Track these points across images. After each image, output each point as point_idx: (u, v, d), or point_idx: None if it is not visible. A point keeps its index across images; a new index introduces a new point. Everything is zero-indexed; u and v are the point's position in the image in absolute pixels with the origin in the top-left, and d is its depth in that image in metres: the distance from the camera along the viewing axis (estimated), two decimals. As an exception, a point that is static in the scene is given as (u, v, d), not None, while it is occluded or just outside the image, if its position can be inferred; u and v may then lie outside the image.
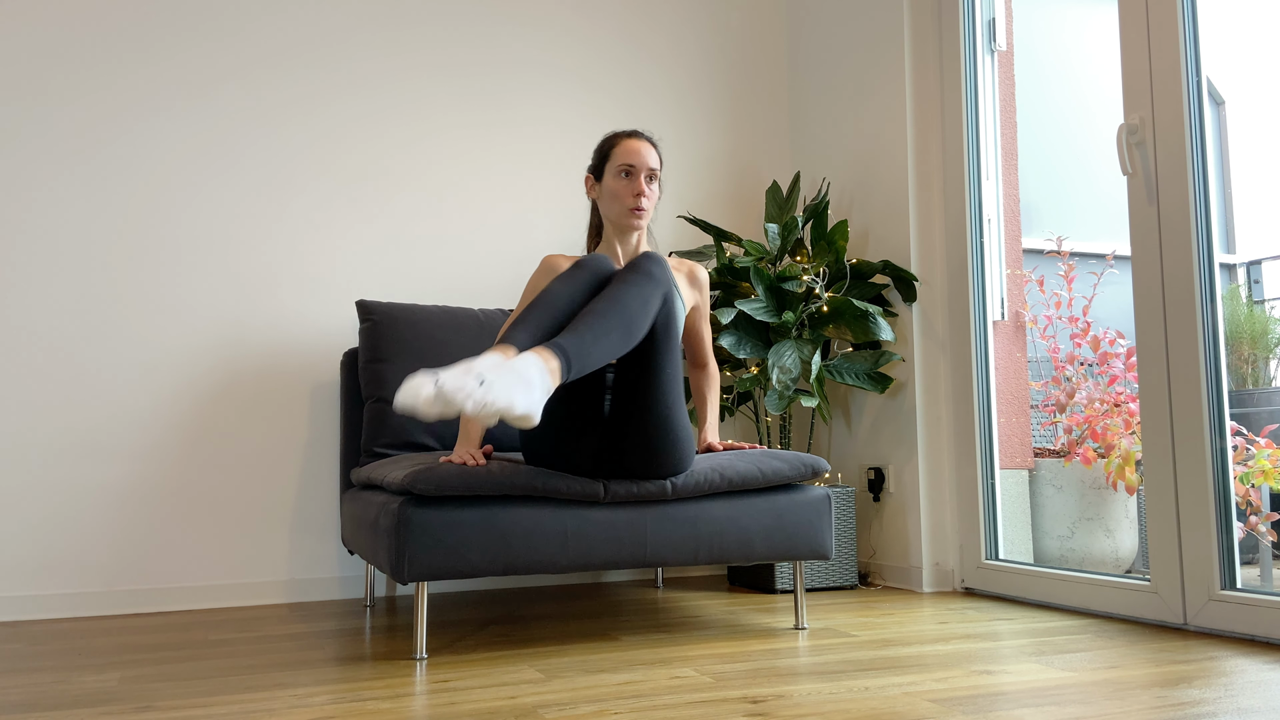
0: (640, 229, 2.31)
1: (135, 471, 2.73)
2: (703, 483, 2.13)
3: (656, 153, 2.30)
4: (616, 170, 2.27)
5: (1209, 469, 2.13)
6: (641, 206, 2.27)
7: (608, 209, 2.31)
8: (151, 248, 2.81)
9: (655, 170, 2.29)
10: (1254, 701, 1.56)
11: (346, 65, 3.05)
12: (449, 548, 1.95)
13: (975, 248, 2.86)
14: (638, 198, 2.26)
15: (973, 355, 2.83)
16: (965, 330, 2.86)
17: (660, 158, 2.32)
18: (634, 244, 2.35)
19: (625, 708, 1.58)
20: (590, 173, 2.35)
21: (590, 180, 2.35)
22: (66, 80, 2.76)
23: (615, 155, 2.28)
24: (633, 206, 2.27)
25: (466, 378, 1.61)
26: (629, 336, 1.87)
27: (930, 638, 2.13)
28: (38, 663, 2.02)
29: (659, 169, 2.30)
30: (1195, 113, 2.21)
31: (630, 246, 2.35)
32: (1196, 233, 2.19)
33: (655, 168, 2.29)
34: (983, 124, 2.90)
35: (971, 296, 2.85)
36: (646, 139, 2.31)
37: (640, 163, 2.26)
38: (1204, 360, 2.16)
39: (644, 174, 2.27)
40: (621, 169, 2.27)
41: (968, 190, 2.86)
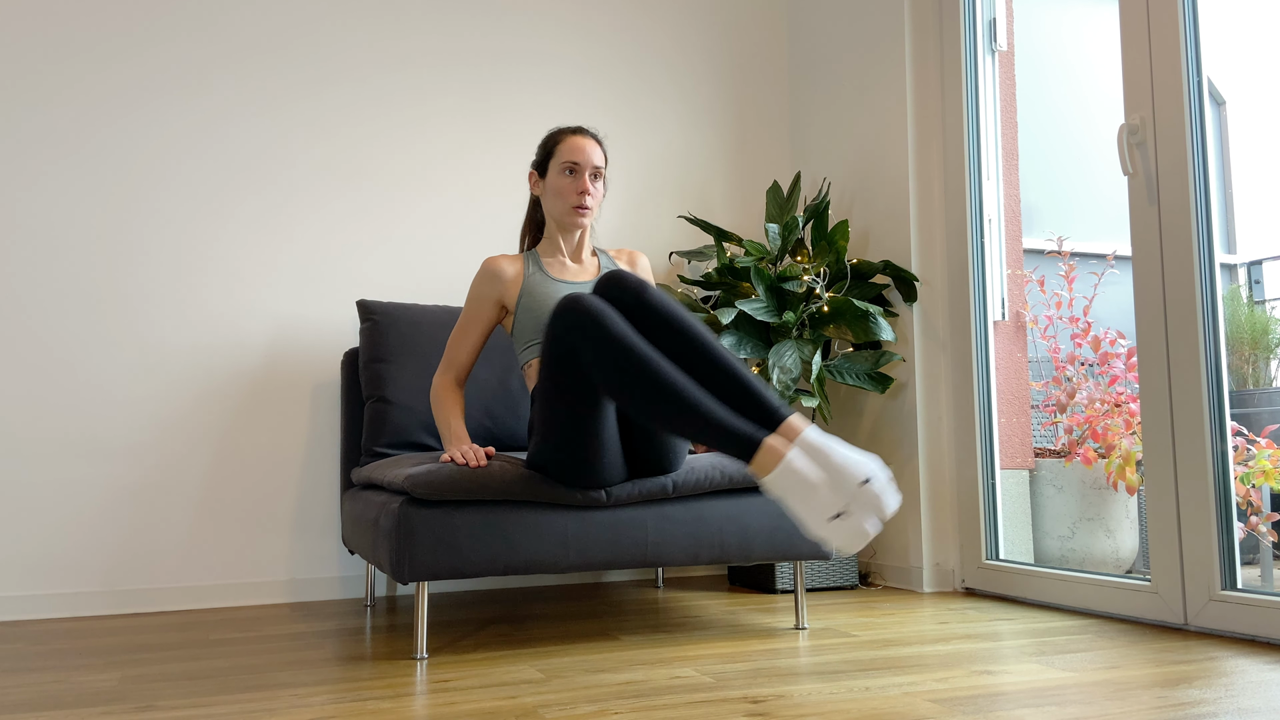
0: (584, 227, 2.31)
1: (135, 471, 2.73)
2: (703, 480, 2.13)
3: (601, 150, 2.29)
4: (561, 167, 2.26)
5: (1209, 469, 2.13)
6: (586, 205, 2.26)
7: (551, 206, 2.30)
8: (152, 247, 2.81)
9: (600, 168, 2.28)
10: (1254, 702, 1.56)
11: (347, 65, 3.05)
12: (449, 547, 1.95)
13: (976, 248, 2.86)
14: (582, 195, 2.25)
15: (973, 355, 2.83)
16: (966, 330, 2.85)
17: (605, 155, 2.30)
18: (577, 241, 2.34)
19: (625, 708, 1.58)
20: (534, 168, 2.34)
21: (534, 176, 2.34)
22: (64, 78, 2.76)
23: (559, 152, 2.27)
24: (576, 205, 2.26)
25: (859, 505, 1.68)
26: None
27: (931, 638, 2.13)
28: (38, 663, 2.02)
29: (604, 166, 2.29)
30: (1196, 113, 2.21)
31: (573, 244, 2.34)
32: (1197, 233, 2.19)
33: (600, 165, 2.28)
34: (983, 124, 2.90)
35: (972, 296, 2.84)
36: (592, 136, 2.30)
37: (585, 160, 2.25)
38: (1204, 360, 2.16)
39: (588, 171, 2.26)
40: (566, 166, 2.26)
41: (968, 190, 2.86)
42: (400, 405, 2.60)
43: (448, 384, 2.27)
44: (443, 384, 2.27)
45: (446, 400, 2.25)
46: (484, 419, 2.65)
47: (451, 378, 2.28)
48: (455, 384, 2.28)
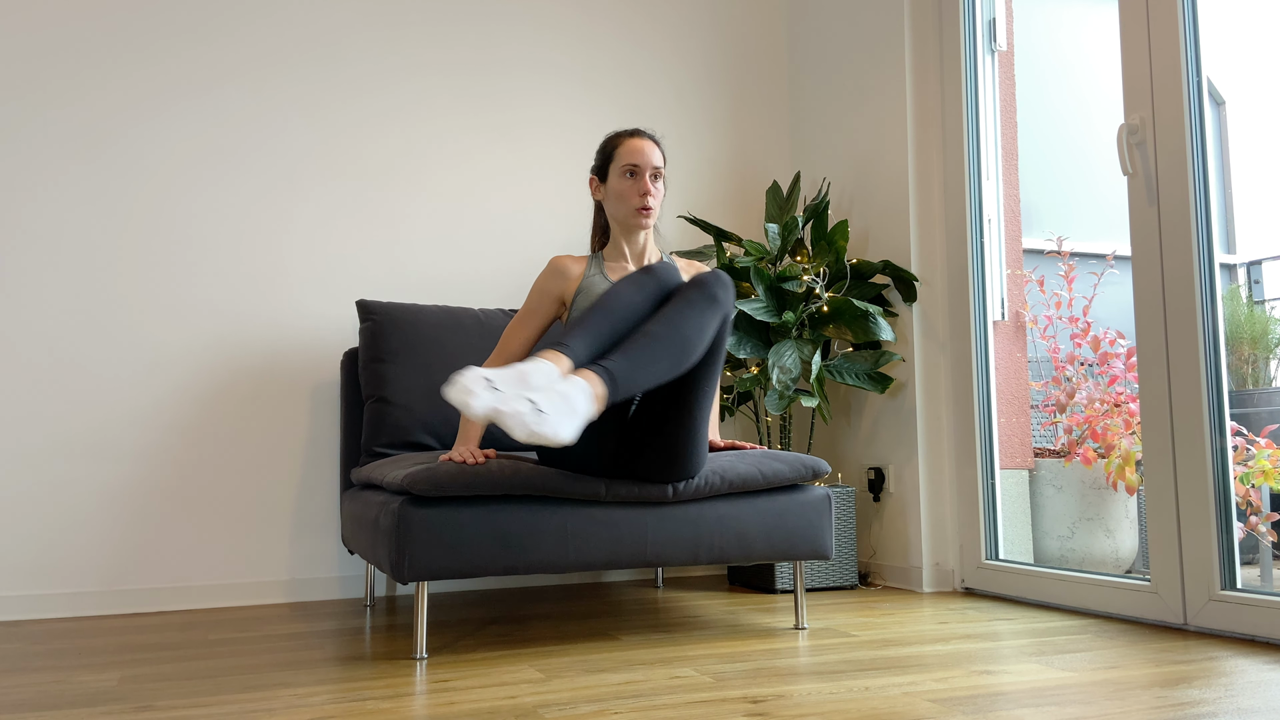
0: (648, 228, 2.32)
1: (135, 471, 2.73)
2: (703, 485, 2.13)
3: (660, 151, 2.31)
4: (621, 170, 2.28)
5: (1209, 469, 2.13)
6: (648, 206, 2.27)
7: (614, 209, 2.31)
8: (151, 248, 2.81)
9: (660, 168, 2.29)
10: (1254, 702, 1.56)
11: (347, 65, 3.05)
12: (449, 547, 1.95)
13: (975, 248, 2.86)
14: (644, 197, 2.27)
15: (973, 355, 2.83)
16: (965, 330, 2.85)
17: (664, 155, 2.32)
18: (641, 243, 2.35)
19: (625, 707, 1.58)
20: (594, 174, 2.36)
21: (595, 181, 2.36)
22: (68, 80, 2.76)
23: (619, 155, 2.29)
24: (639, 206, 2.27)
25: (521, 402, 1.63)
26: (679, 364, 1.88)
27: (930, 638, 2.13)
28: (38, 663, 2.02)
29: (663, 167, 2.31)
30: (1195, 113, 2.21)
31: (638, 246, 2.35)
32: (1197, 233, 2.19)
33: (660, 166, 2.29)
34: (983, 124, 2.90)
35: (972, 296, 2.84)
36: (649, 137, 2.31)
37: (645, 162, 2.27)
38: (1204, 360, 2.16)
39: (649, 173, 2.27)
40: (626, 169, 2.27)
41: (968, 190, 2.86)
42: (400, 405, 2.60)
43: None
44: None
45: None
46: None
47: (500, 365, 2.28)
48: None
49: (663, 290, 1.97)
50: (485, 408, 1.63)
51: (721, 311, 1.95)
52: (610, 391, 1.77)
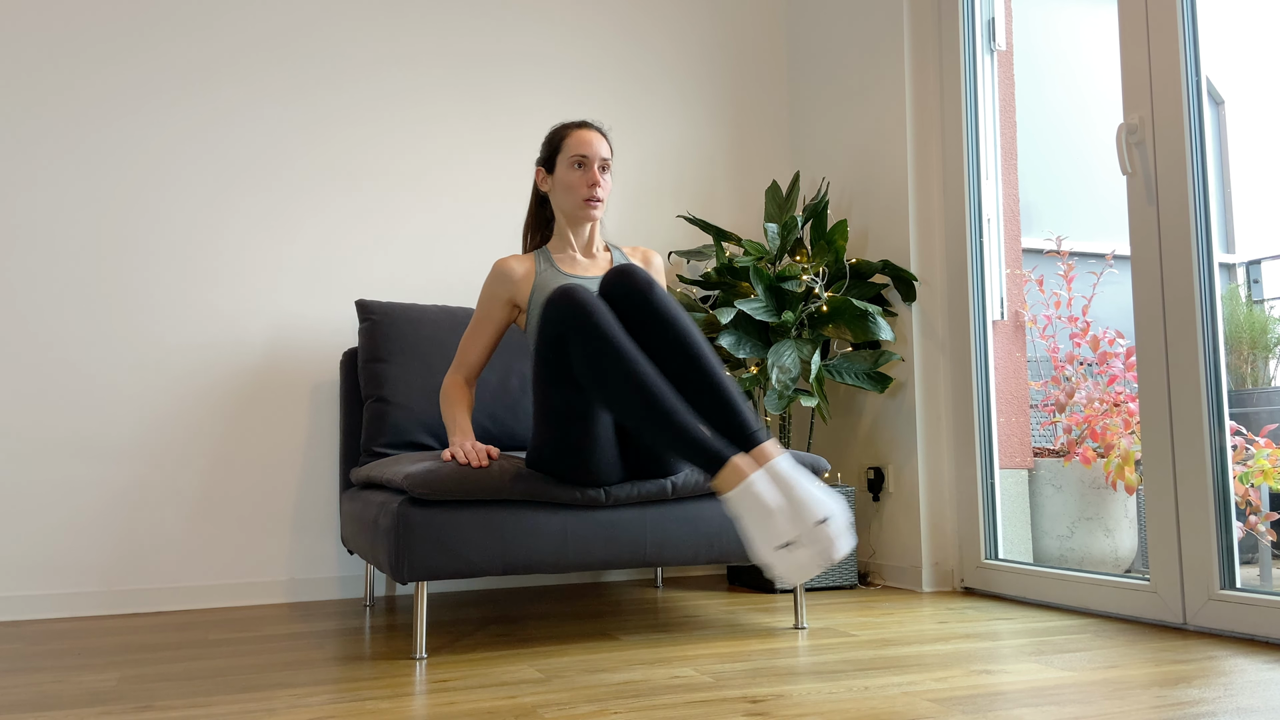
0: (596, 219, 2.31)
1: (135, 471, 2.73)
2: (703, 482, 2.13)
3: (608, 142, 2.30)
4: (570, 161, 2.26)
5: (1208, 469, 2.13)
6: (597, 196, 2.26)
7: (561, 201, 2.29)
8: (151, 247, 2.81)
9: (608, 160, 2.29)
10: (1253, 701, 1.56)
11: (347, 64, 3.04)
12: (448, 547, 1.95)
13: (975, 247, 2.86)
14: (593, 188, 2.26)
15: (972, 355, 2.83)
16: (965, 330, 2.86)
17: (611, 147, 2.31)
18: (588, 235, 2.34)
19: (625, 707, 1.58)
20: (540, 165, 2.34)
21: (541, 173, 2.34)
22: (63, 78, 2.76)
23: (567, 146, 2.27)
24: (587, 197, 2.26)
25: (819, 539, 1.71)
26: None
27: (930, 637, 2.13)
28: (37, 663, 2.02)
29: (610, 159, 2.30)
30: (1195, 112, 2.21)
31: (584, 238, 2.34)
32: (1196, 232, 2.19)
33: (607, 157, 2.29)
34: (982, 124, 2.90)
35: (971, 296, 2.85)
36: (597, 129, 2.30)
37: (593, 153, 2.26)
38: (1203, 360, 2.16)
39: (597, 164, 2.26)
40: (575, 160, 2.26)
41: (967, 190, 2.86)
42: (399, 405, 2.60)
43: (457, 382, 2.28)
44: (452, 382, 2.28)
45: (454, 397, 2.25)
46: (485, 420, 2.65)
47: (462, 377, 2.28)
48: (465, 383, 2.28)
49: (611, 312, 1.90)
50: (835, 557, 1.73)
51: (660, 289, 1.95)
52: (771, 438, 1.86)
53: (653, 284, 1.93)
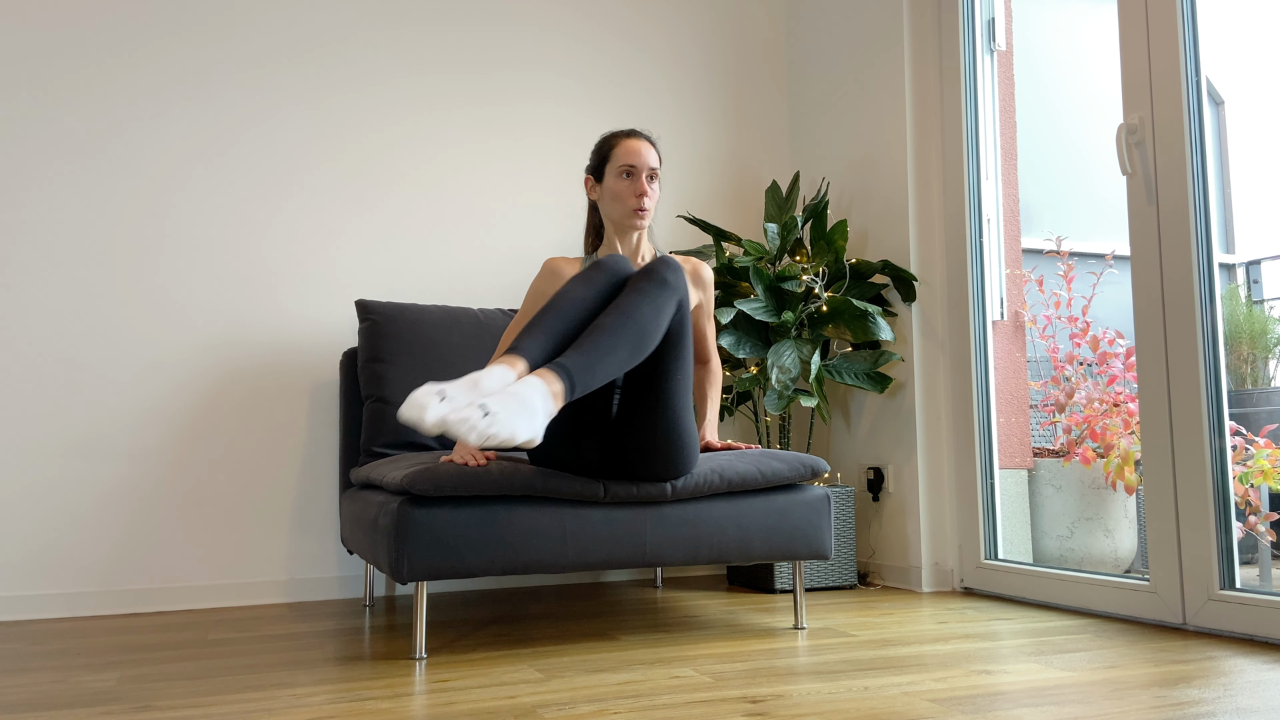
0: (643, 228, 2.32)
1: (135, 471, 2.73)
2: (702, 484, 2.13)
3: (656, 151, 2.31)
4: (618, 171, 2.28)
5: (1208, 469, 2.14)
6: (644, 206, 2.27)
7: (610, 209, 2.31)
8: (150, 247, 2.81)
9: (656, 169, 2.30)
10: (1253, 701, 1.56)
11: (346, 64, 3.05)
12: (448, 547, 1.95)
13: (975, 247, 2.86)
14: (640, 198, 2.27)
15: (972, 355, 2.83)
16: (965, 330, 2.86)
17: (659, 156, 2.32)
18: (635, 243, 2.35)
19: (624, 707, 1.58)
20: (589, 174, 2.36)
21: (590, 181, 2.36)
22: (65, 80, 2.76)
23: (616, 156, 2.29)
24: (635, 207, 2.27)
25: (471, 409, 1.62)
26: (638, 351, 1.87)
27: (929, 638, 2.13)
28: (37, 663, 2.02)
29: (659, 167, 2.31)
30: (1195, 113, 2.21)
31: (632, 246, 2.35)
32: (1196, 232, 2.19)
33: (656, 167, 2.29)
34: (982, 124, 2.90)
35: (971, 296, 2.85)
36: (646, 138, 2.31)
37: (641, 163, 2.27)
38: (1203, 360, 2.16)
39: (645, 173, 2.28)
40: (623, 169, 2.27)
41: (967, 190, 2.86)
42: (399, 405, 2.60)
43: None
44: None
45: None
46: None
47: None
48: None
49: (612, 282, 1.98)
50: (435, 419, 1.62)
51: (675, 294, 1.94)
52: (567, 386, 1.75)
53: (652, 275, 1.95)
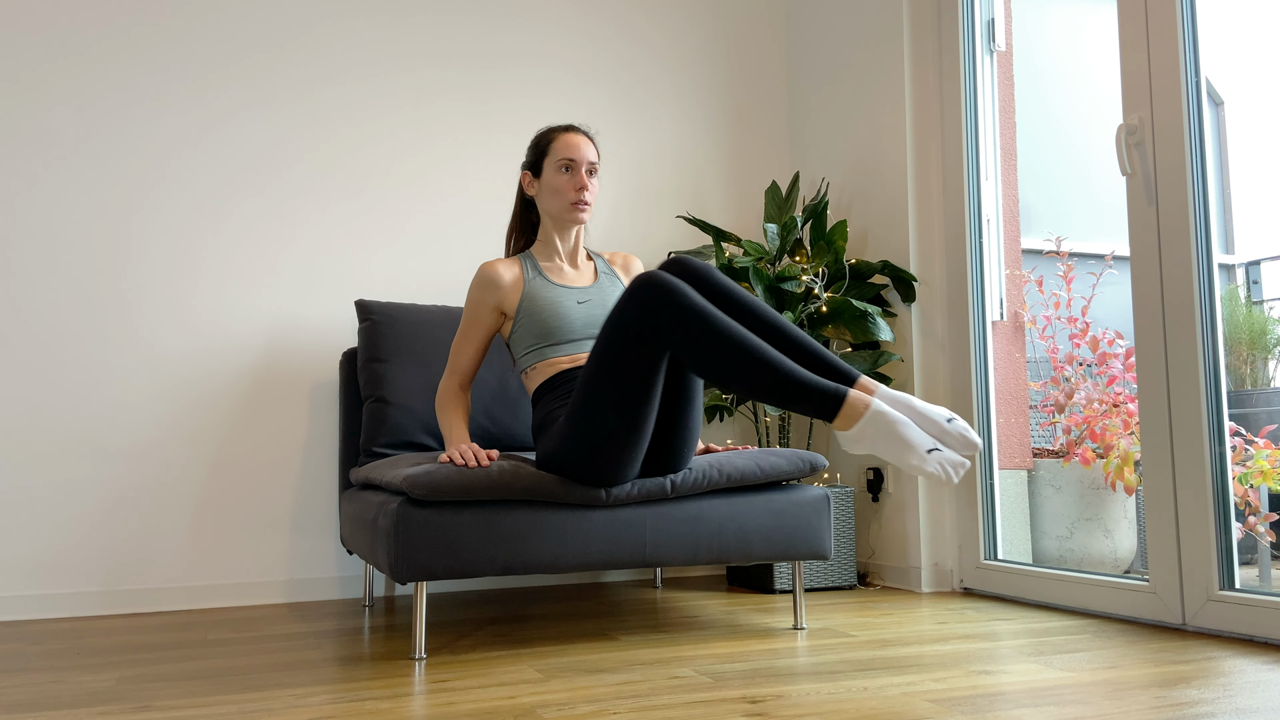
0: (583, 223, 2.31)
1: (135, 471, 2.73)
2: (701, 479, 2.13)
3: (595, 146, 2.30)
4: (556, 165, 2.26)
5: (1208, 469, 2.14)
6: (585, 200, 2.26)
7: (549, 204, 2.29)
8: (150, 247, 2.81)
9: (595, 164, 2.29)
10: (1252, 702, 1.56)
11: (345, 64, 3.05)
12: (448, 547, 1.95)
13: (974, 248, 2.87)
14: (580, 191, 2.25)
15: (972, 355, 2.83)
16: (964, 330, 2.86)
17: (598, 151, 2.31)
18: (574, 239, 2.34)
19: (624, 708, 1.58)
20: (526, 169, 2.33)
21: (527, 176, 2.33)
22: (62, 79, 2.76)
23: (554, 150, 2.27)
24: (575, 200, 2.25)
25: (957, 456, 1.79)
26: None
27: (929, 638, 2.13)
28: (36, 663, 2.02)
29: (598, 163, 2.30)
30: (1194, 113, 2.21)
31: (570, 243, 2.34)
32: (1195, 233, 2.19)
33: (595, 161, 2.28)
34: (982, 124, 2.90)
35: (970, 297, 2.85)
36: (584, 132, 2.30)
37: (580, 157, 2.25)
38: (1203, 360, 2.16)
39: (584, 167, 2.26)
40: (562, 163, 2.25)
41: (967, 190, 2.86)
42: (399, 405, 2.60)
43: (452, 388, 2.27)
44: (447, 388, 2.27)
45: (449, 403, 2.25)
46: (483, 420, 2.65)
47: (456, 383, 2.28)
48: (460, 388, 2.28)
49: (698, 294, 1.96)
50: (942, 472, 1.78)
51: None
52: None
53: (709, 267, 2.03)
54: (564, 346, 2.21)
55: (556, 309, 2.22)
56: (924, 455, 1.76)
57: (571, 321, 2.21)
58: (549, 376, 2.19)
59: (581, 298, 2.26)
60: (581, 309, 2.24)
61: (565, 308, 2.22)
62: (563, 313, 2.21)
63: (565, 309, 2.22)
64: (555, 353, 2.21)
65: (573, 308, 2.23)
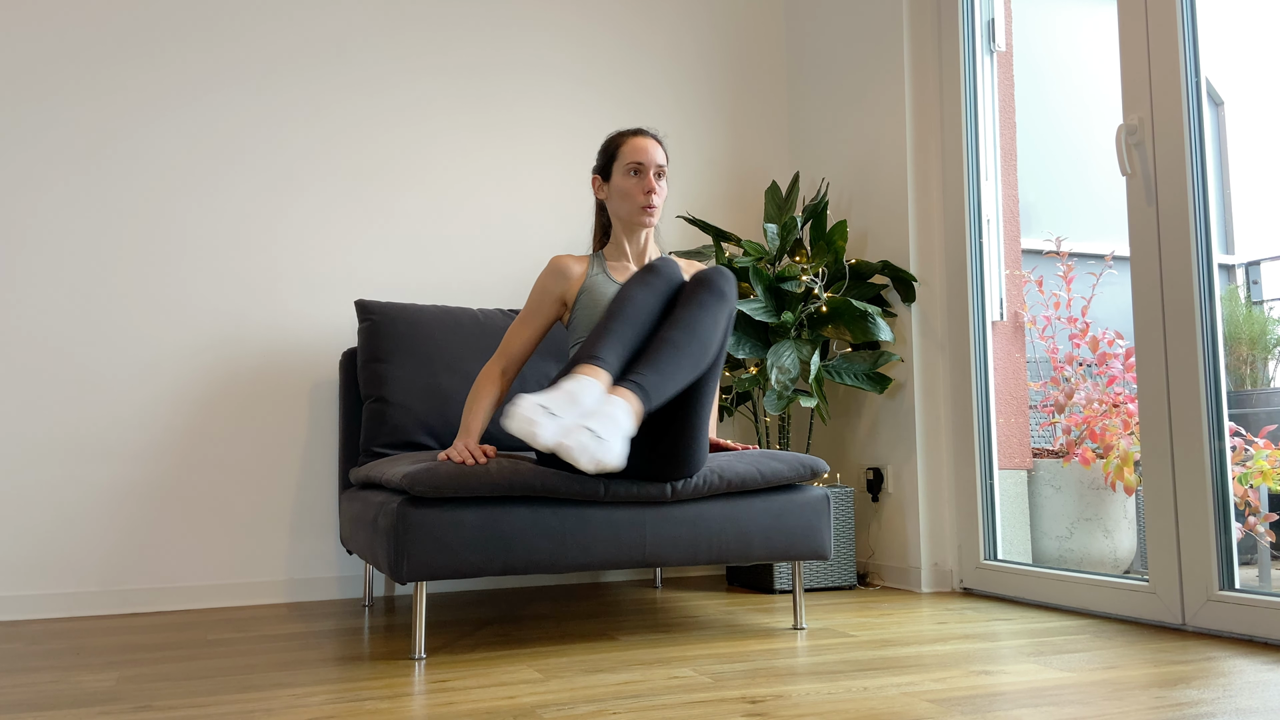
0: (651, 226, 2.33)
1: (135, 471, 2.73)
2: (702, 485, 2.13)
3: (663, 149, 2.32)
4: (625, 169, 2.29)
5: (1207, 469, 2.14)
6: (653, 204, 2.29)
7: (618, 208, 2.32)
8: (151, 248, 2.81)
9: (663, 167, 2.31)
10: (1252, 702, 1.56)
11: (346, 66, 3.05)
12: (447, 547, 1.95)
13: (974, 248, 2.87)
14: (649, 195, 2.28)
15: (972, 356, 2.83)
16: (964, 330, 2.86)
17: (667, 155, 2.33)
18: (643, 242, 2.37)
19: (624, 708, 1.58)
20: (597, 173, 2.36)
21: (598, 180, 2.36)
22: (70, 83, 2.76)
23: (623, 154, 2.29)
24: (644, 205, 2.28)
25: (581, 432, 1.69)
26: (699, 365, 1.93)
27: (929, 638, 2.13)
28: (37, 663, 2.02)
29: (666, 165, 2.32)
30: (1194, 113, 2.21)
31: (639, 245, 2.36)
32: (1195, 233, 2.19)
33: (663, 164, 2.31)
34: (982, 124, 2.90)
35: (970, 297, 2.85)
36: (653, 136, 2.32)
37: (649, 160, 2.28)
38: (1202, 361, 2.16)
39: (653, 171, 2.28)
40: (630, 167, 2.28)
41: (967, 190, 2.86)
42: (399, 405, 2.60)
43: (493, 373, 2.26)
44: (488, 373, 2.26)
45: (484, 388, 2.24)
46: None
47: (500, 368, 2.27)
48: (502, 374, 2.27)
49: (670, 288, 2.01)
50: (551, 439, 1.68)
51: (729, 307, 2.01)
52: (645, 406, 1.81)
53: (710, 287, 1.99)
54: None
55: (606, 302, 2.24)
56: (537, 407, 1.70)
57: None
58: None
59: None
60: None
61: None
62: None
63: None
64: None
65: None
